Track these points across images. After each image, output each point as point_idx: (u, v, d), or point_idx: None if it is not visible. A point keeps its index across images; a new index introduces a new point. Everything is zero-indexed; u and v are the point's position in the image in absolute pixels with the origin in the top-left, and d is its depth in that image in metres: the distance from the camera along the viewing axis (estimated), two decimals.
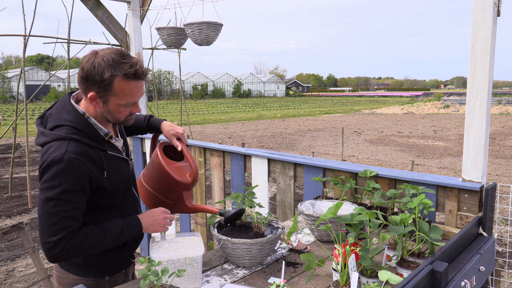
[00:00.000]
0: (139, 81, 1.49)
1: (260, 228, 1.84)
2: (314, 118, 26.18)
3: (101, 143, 1.57)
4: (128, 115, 1.58)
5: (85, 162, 1.46)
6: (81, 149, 1.47)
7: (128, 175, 1.71)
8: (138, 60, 1.49)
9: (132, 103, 1.53)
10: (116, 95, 1.48)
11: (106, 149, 1.58)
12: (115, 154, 1.62)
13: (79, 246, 1.46)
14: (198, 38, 3.31)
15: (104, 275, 1.71)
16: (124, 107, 1.53)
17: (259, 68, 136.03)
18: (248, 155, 3.26)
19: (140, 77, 1.48)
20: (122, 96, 1.48)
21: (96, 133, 1.56)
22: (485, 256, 1.76)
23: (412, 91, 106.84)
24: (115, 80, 1.44)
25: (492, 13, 1.94)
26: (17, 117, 6.72)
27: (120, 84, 1.46)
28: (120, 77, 1.44)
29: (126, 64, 1.45)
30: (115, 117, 1.55)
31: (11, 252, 4.64)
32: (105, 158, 1.56)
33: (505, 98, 36.86)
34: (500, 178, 8.47)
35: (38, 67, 52.47)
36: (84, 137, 1.51)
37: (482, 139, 2.05)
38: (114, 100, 1.49)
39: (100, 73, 1.43)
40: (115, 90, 1.47)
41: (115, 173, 1.61)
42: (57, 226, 1.41)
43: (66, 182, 1.42)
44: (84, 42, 5.48)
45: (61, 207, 1.42)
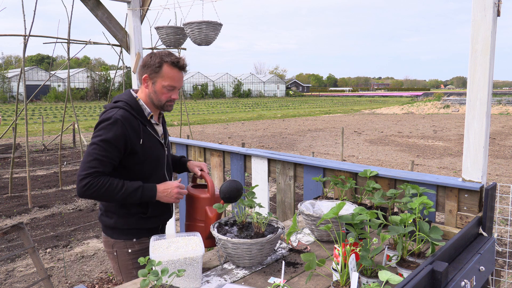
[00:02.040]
0: (180, 71, 1.94)
1: (260, 228, 1.83)
2: (314, 118, 26.19)
3: (144, 119, 1.97)
4: (168, 100, 1.97)
5: (126, 125, 1.86)
6: (126, 116, 1.88)
7: (160, 156, 2.05)
8: (183, 57, 1.96)
9: (172, 87, 1.93)
10: (162, 77, 1.91)
11: (146, 125, 1.97)
12: (152, 133, 2.00)
13: (99, 187, 1.78)
14: (197, 37, 3.30)
15: (131, 238, 2.05)
16: (167, 89, 1.93)
17: (259, 68, 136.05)
18: (248, 155, 3.26)
19: (182, 67, 1.94)
20: (166, 78, 1.91)
21: (141, 111, 1.97)
22: (485, 256, 1.76)
23: (412, 91, 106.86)
24: (164, 65, 1.90)
25: (492, 13, 1.94)
26: (17, 117, 6.73)
27: (166, 69, 1.90)
28: (168, 63, 1.90)
29: (174, 57, 1.92)
30: (159, 98, 1.96)
31: (11, 252, 4.64)
32: (143, 130, 1.94)
33: (505, 98, 36.86)
34: (500, 178, 8.47)
35: (38, 67, 52.48)
36: (132, 110, 1.93)
37: (482, 139, 2.05)
38: (160, 81, 1.92)
39: (154, 60, 1.91)
40: (162, 73, 1.91)
41: (149, 147, 1.96)
42: (89, 164, 1.79)
43: (107, 134, 1.82)
44: (84, 42, 5.48)
45: (97, 150, 1.81)
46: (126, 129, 1.85)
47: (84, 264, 4.43)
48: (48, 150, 11.93)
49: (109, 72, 53.44)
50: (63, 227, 5.61)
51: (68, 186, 7.85)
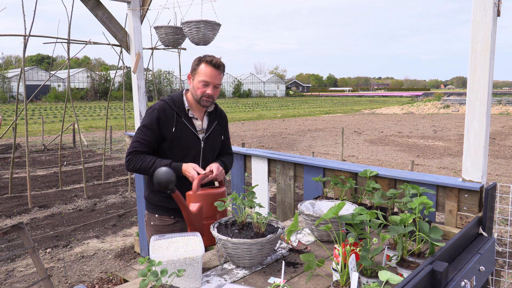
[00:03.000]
0: (214, 69, 2.16)
1: (260, 228, 1.83)
2: (314, 118, 26.19)
3: (181, 111, 2.25)
4: (203, 94, 2.18)
5: (161, 113, 2.20)
6: (163, 106, 2.23)
7: (192, 147, 2.27)
8: (220, 59, 2.19)
9: (206, 82, 2.16)
10: (198, 73, 2.18)
11: (181, 116, 2.24)
12: (187, 124, 2.25)
13: (136, 162, 2.17)
14: (195, 37, 3.29)
15: (155, 212, 2.35)
16: (202, 84, 2.16)
17: (259, 68, 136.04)
18: (248, 155, 3.26)
19: (215, 65, 2.15)
20: (201, 74, 2.16)
21: (182, 104, 2.26)
22: (485, 256, 1.76)
23: (412, 91, 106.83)
24: (201, 63, 2.17)
25: (492, 13, 1.94)
26: (17, 117, 6.72)
27: (202, 66, 2.16)
28: (204, 61, 2.16)
29: (210, 57, 2.18)
30: (196, 92, 2.20)
31: (11, 252, 4.64)
32: (177, 120, 2.22)
33: (505, 98, 36.86)
34: (500, 178, 8.47)
35: (38, 67, 52.48)
36: (171, 103, 2.25)
37: (482, 139, 2.05)
38: (197, 77, 2.18)
39: (195, 61, 2.22)
40: (199, 70, 2.17)
41: (180, 136, 2.22)
42: (132, 145, 2.21)
43: (145, 120, 2.22)
44: (84, 42, 5.47)
45: (138, 134, 2.22)
46: (160, 116, 2.18)
47: (84, 264, 4.43)
48: (48, 150, 11.93)
49: (109, 72, 53.45)
50: (63, 227, 5.61)
51: (68, 186, 7.85)
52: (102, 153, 11.41)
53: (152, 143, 2.21)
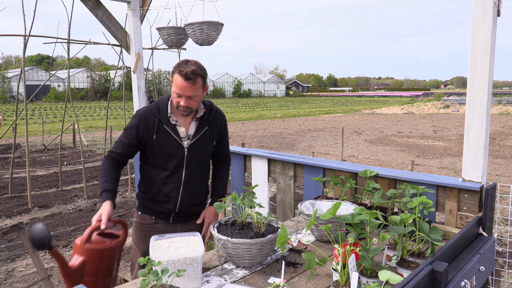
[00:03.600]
0: (185, 81, 2.04)
1: (260, 228, 1.83)
2: (314, 118, 26.18)
3: (163, 117, 2.18)
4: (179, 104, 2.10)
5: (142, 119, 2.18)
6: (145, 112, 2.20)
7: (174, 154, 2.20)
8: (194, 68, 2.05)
9: (178, 94, 2.08)
10: (173, 83, 2.10)
11: (163, 123, 2.18)
12: (170, 131, 2.18)
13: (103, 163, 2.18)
14: (199, 38, 3.30)
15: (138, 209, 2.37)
16: (176, 94, 2.09)
17: (259, 68, 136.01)
18: (248, 155, 3.26)
19: (185, 77, 2.03)
20: (174, 85, 2.09)
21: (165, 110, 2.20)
22: (485, 256, 1.76)
23: (412, 91, 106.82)
24: (175, 73, 2.08)
25: (492, 13, 1.94)
26: (17, 117, 6.72)
27: (175, 76, 2.08)
28: (177, 72, 2.06)
29: (183, 66, 2.06)
30: (173, 101, 2.14)
31: (11, 252, 4.64)
32: (158, 127, 2.17)
33: (505, 98, 36.86)
34: (500, 178, 8.47)
35: (38, 67, 52.47)
36: (154, 109, 2.20)
37: (482, 139, 2.05)
38: (173, 86, 2.11)
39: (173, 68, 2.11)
40: (173, 79, 2.10)
41: (163, 143, 2.18)
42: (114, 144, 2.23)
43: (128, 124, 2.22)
44: (84, 42, 5.47)
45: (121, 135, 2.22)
46: (140, 123, 2.17)
47: None
48: (48, 150, 11.92)
49: (109, 72, 53.44)
50: (63, 227, 5.61)
51: (68, 186, 7.85)
52: (102, 153, 11.41)
53: (129, 147, 2.20)
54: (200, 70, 2.08)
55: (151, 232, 2.23)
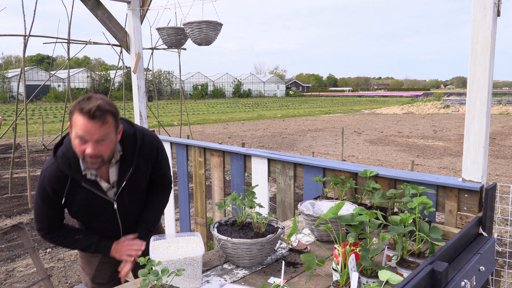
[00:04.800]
0: (89, 120, 1.59)
1: (260, 228, 1.83)
2: (314, 118, 26.18)
3: (78, 175, 1.76)
4: (84, 154, 1.63)
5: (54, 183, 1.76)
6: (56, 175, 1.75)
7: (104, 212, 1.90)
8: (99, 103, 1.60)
9: (81, 137, 1.61)
10: (73, 125, 1.63)
11: (80, 181, 1.77)
12: (91, 189, 1.80)
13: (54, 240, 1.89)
14: (197, 37, 3.30)
15: None
16: (78, 140, 1.62)
17: (259, 68, 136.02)
18: (248, 155, 3.26)
19: (89, 115, 1.58)
20: (76, 127, 1.61)
21: (78, 166, 1.76)
22: (485, 256, 1.76)
23: (412, 91, 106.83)
24: (75, 112, 1.61)
25: (492, 13, 1.94)
26: (17, 117, 6.72)
27: (76, 116, 1.61)
28: (78, 110, 1.60)
29: (86, 102, 1.60)
30: (75, 150, 1.67)
31: (11, 252, 4.64)
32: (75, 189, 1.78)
33: (505, 98, 36.86)
34: (500, 178, 8.47)
35: (38, 67, 52.48)
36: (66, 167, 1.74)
37: (482, 139, 2.05)
38: (73, 130, 1.63)
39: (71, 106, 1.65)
40: (73, 121, 1.62)
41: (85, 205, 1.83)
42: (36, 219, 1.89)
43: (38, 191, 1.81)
44: (84, 42, 5.48)
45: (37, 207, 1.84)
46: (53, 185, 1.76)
47: None
48: (48, 150, 11.92)
49: (109, 72, 53.45)
50: None
51: None
52: None
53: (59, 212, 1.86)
54: (109, 105, 1.63)
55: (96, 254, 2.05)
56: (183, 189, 3.89)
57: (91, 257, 2.11)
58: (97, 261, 2.11)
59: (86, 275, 2.15)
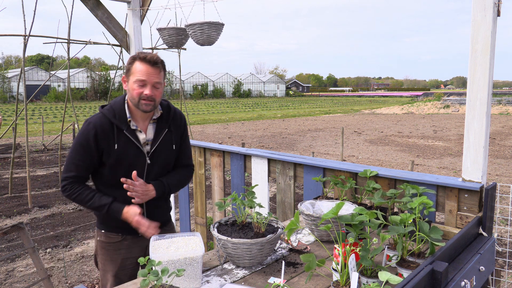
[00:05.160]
0: (149, 65, 1.88)
1: (260, 228, 1.83)
2: (314, 118, 26.18)
3: (123, 123, 1.95)
4: (141, 96, 1.89)
5: (98, 129, 1.91)
6: (100, 120, 1.93)
7: (135, 164, 1.98)
8: (157, 55, 1.91)
9: (141, 80, 1.87)
10: (132, 73, 1.90)
11: (123, 129, 1.94)
12: (131, 138, 1.96)
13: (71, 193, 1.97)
14: (200, 38, 3.31)
15: (101, 228, 2.14)
16: (137, 85, 1.88)
17: (259, 68, 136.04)
18: (248, 155, 3.26)
19: (150, 61, 1.87)
20: (135, 73, 1.89)
21: (123, 113, 1.96)
22: (485, 256, 1.76)
23: (412, 91, 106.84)
24: (135, 62, 1.90)
25: (492, 13, 1.94)
26: (17, 117, 6.72)
27: (136, 64, 1.89)
28: (137, 59, 1.89)
29: (144, 53, 1.91)
30: (132, 95, 1.91)
31: (11, 252, 4.64)
32: (118, 135, 1.94)
33: (505, 98, 36.87)
34: (500, 178, 8.47)
35: (38, 67, 52.49)
36: (110, 115, 1.94)
37: (482, 139, 2.05)
38: (131, 78, 1.91)
39: (127, 61, 1.96)
40: (132, 69, 1.90)
41: (124, 153, 1.95)
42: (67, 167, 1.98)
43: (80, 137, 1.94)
44: (84, 42, 5.48)
45: (73, 153, 1.95)
46: (97, 132, 1.91)
47: (84, 264, 4.43)
48: (48, 150, 11.92)
49: (109, 72, 53.46)
50: (63, 227, 5.61)
51: None
52: None
53: (89, 165, 1.96)
54: (159, 57, 1.94)
55: (119, 250, 2.09)
56: (183, 189, 3.89)
57: (114, 254, 2.11)
58: (120, 258, 2.11)
59: (108, 272, 2.14)
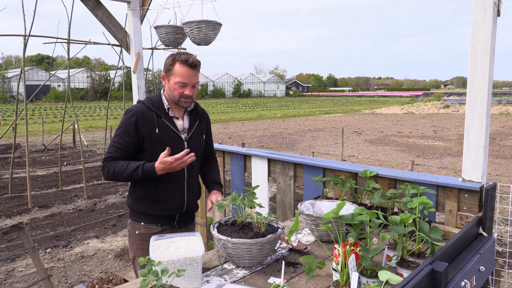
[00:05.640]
0: (190, 69, 2.05)
1: (260, 228, 1.83)
2: (314, 118, 26.18)
3: (161, 111, 2.13)
4: (181, 95, 2.08)
5: (139, 115, 2.08)
6: (141, 108, 2.11)
7: (176, 148, 2.10)
8: (194, 56, 2.06)
9: (183, 83, 2.05)
10: (173, 74, 2.07)
11: (162, 116, 2.12)
12: (169, 125, 2.13)
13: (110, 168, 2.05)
14: (196, 37, 3.29)
15: (140, 221, 2.22)
16: (178, 85, 2.06)
17: (259, 68, 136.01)
18: (248, 155, 3.26)
19: (191, 65, 2.04)
20: (177, 75, 2.05)
21: (161, 104, 2.15)
22: (485, 256, 1.76)
23: (412, 91, 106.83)
24: (176, 63, 2.05)
25: (492, 13, 1.94)
26: (17, 117, 6.72)
27: (177, 67, 2.05)
28: (179, 61, 2.05)
29: (185, 55, 2.05)
30: (173, 94, 2.09)
31: (11, 252, 4.64)
32: (157, 121, 2.11)
33: (505, 98, 36.87)
34: (500, 178, 8.47)
35: (38, 67, 52.47)
36: (149, 104, 2.13)
37: (482, 139, 2.05)
38: (173, 78, 2.08)
39: (168, 60, 2.09)
40: (174, 71, 2.06)
41: (164, 137, 2.10)
42: (108, 150, 2.10)
43: (121, 123, 2.10)
44: (84, 42, 5.48)
45: (115, 138, 2.10)
46: (138, 119, 2.07)
47: (84, 264, 4.43)
48: (48, 150, 11.92)
49: (109, 72, 53.45)
50: (63, 227, 5.61)
51: (68, 186, 7.85)
52: (102, 153, 11.41)
53: (129, 148, 2.09)
54: (197, 57, 2.09)
55: None
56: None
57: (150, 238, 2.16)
58: None
59: None
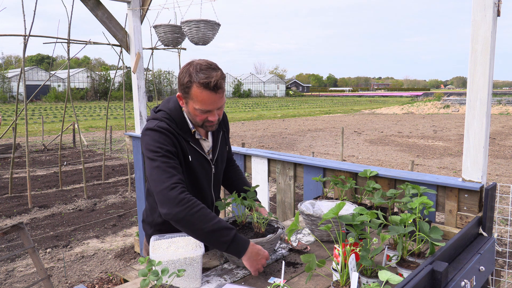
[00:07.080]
0: (213, 93, 1.65)
1: (260, 228, 1.83)
2: (314, 118, 26.18)
3: (187, 133, 1.80)
4: (205, 121, 1.74)
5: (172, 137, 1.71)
6: (170, 129, 1.72)
7: (205, 175, 1.89)
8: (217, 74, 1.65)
9: (205, 110, 1.70)
10: (192, 99, 1.69)
11: (189, 141, 1.80)
12: (197, 148, 1.83)
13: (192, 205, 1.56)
14: (195, 36, 3.28)
15: None
16: (199, 112, 1.70)
17: (259, 68, 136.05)
18: (248, 155, 3.26)
19: (213, 89, 1.64)
20: (196, 102, 1.68)
21: (185, 124, 1.80)
22: (485, 256, 1.76)
23: (412, 91, 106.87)
24: (193, 86, 1.65)
25: (492, 13, 1.94)
26: (17, 117, 6.72)
27: (196, 90, 1.65)
28: (197, 84, 1.64)
29: (204, 75, 1.63)
30: (194, 119, 1.76)
31: (11, 252, 4.64)
32: (188, 147, 1.79)
33: (505, 98, 36.89)
34: (500, 178, 8.47)
35: (38, 67, 52.47)
36: (173, 125, 1.75)
37: (482, 139, 2.05)
38: (191, 103, 1.70)
39: (184, 78, 1.68)
40: (192, 95, 1.67)
41: (195, 164, 1.81)
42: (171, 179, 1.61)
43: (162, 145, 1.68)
44: (84, 42, 5.48)
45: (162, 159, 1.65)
46: (173, 140, 1.72)
47: (84, 264, 4.43)
48: (48, 150, 11.92)
49: (109, 72, 53.47)
50: (63, 227, 5.61)
51: (68, 186, 7.85)
52: (102, 153, 11.41)
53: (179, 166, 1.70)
54: (221, 74, 1.68)
55: None
56: None
57: None
58: None
59: None
